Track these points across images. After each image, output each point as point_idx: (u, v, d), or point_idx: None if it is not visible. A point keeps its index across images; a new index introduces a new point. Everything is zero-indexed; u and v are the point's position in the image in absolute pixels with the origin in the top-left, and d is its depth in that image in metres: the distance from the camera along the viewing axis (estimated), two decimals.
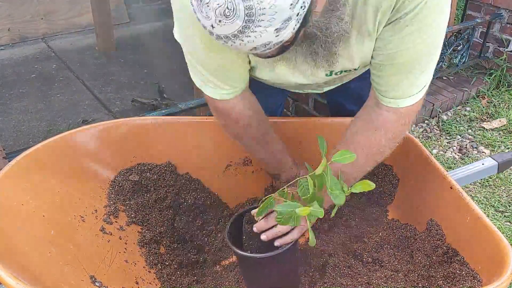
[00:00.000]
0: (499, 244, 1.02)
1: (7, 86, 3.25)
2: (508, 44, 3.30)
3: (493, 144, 2.75)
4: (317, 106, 2.34)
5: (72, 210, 1.20)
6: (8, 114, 2.94)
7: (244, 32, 0.76)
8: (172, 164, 1.45)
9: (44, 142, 1.24)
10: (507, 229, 2.14)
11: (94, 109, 3.03)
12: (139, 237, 1.31)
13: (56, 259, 1.05)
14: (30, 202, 1.11)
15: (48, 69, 3.49)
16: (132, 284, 1.16)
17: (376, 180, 1.48)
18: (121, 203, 1.34)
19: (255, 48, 0.80)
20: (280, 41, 0.80)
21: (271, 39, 0.78)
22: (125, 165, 1.40)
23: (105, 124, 1.37)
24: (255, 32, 0.76)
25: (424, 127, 2.94)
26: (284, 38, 0.79)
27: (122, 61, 3.67)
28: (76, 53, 3.75)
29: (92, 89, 3.25)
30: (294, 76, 1.17)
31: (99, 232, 1.23)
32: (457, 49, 3.27)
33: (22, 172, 1.15)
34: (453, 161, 2.61)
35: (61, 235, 1.11)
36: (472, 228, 1.12)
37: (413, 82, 1.05)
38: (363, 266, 1.29)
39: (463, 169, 1.53)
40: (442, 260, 1.15)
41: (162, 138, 1.43)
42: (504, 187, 2.41)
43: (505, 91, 3.24)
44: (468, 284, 1.02)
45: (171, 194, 1.42)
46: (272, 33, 0.77)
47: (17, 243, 1.00)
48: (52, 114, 2.96)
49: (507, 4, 3.20)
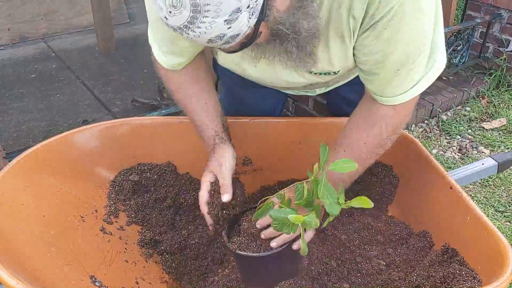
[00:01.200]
0: (499, 244, 1.02)
1: (7, 86, 3.25)
2: (508, 44, 3.30)
3: (493, 144, 2.76)
4: (317, 106, 2.34)
5: (72, 210, 1.20)
6: (8, 114, 2.94)
7: (194, 23, 0.78)
8: (172, 164, 1.45)
9: (44, 142, 1.24)
10: (507, 229, 2.14)
11: (94, 109, 3.03)
12: (139, 237, 1.31)
13: (56, 259, 1.05)
14: (30, 202, 1.11)
15: (48, 69, 3.49)
16: (132, 284, 1.16)
17: (376, 180, 1.48)
18: (121, 203, 1.34)
19: (211, 40, 0.81)
20: (236, 35, 0.81)
21: (223, 31, 0.79)
22: (125, 165, 1.40)
23: (105, 124, 1.37)
24: (204, 23, 0.77)
25: (424, 127, 2.94)
26: (239, 31, 0.80)
27: (122, 61, 3.67)
28: (76, 53, 3.76)
29: (92, 89, 3.25)
30: (276, 73, 1.18)
31: (99, 232, 1.23)
32: (457, 49, 3.27)
33: (22, 172, 1.15)
34: (453, 161, 2.62)
35: (61, 235, 1.11)
36: (472, 228, 1.12)
37: (403, 80, 1.05)
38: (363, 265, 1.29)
39: (463, 169, 1.53)
40: (442, 260, 1.15)
41: (162, 138, 1.43)
42: (504, 187, 2.41)
43: (505, 91, 3.24)
44: (467, 284, 1.02)
45: (171, 194, 1.42)
46: (223, 24, 0.78)
47: (17, 243, 1.00)
48: (52, 114, 2.96)
49: (507, 4, 3.20)
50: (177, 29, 0.81)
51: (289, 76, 1.20)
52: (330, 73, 1.16)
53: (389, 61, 1.00)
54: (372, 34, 0.96)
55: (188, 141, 1.44)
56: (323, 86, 1.39)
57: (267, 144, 1.49)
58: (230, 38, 0.81)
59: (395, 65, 1.01)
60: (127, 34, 4.13)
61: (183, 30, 0.80)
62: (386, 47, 0.98)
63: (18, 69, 3.48)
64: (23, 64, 3.56)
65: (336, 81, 1.36)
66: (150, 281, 1.21)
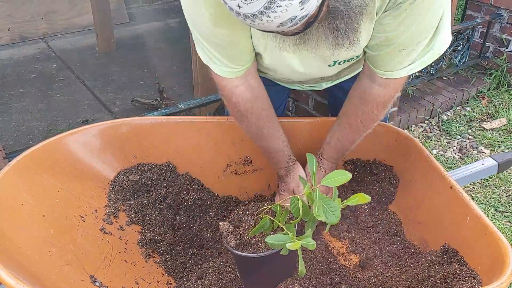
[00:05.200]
0: (499, 244, 1.02)
1: (7, 86, 3.25)
2: (508, 44, 3.30)
3: (493, 144, 2.75)
4: (317, 106, 2.34)
5: (72, 210, 1.20)
6: (8, 114, 2.94)
7: (270, 7, 0.78)
8: (172, 164, 1.45)
9: (44, 142, 1.24)
10: (507, 229, 2.14)
11: (94, 109, 3.03)
12: (139, 237, 1.31)
13: (56, 259, 1.05)
14: (30, 202, 1.11)
15: (48, 69, 3.49)
16: (132, 284, 1.16)
17: (376, 180, 1.48)
18: (121, 203, 1.34)
19: (282, 24, 0.81)
20: (305, 15, 0.81)
21: (296, 13, 0.80)
22: (125, 165, 1.40)
23: (105, 124, 1.37)
24: (281, 6, 0.78)
25: (424, 127, 2.94)
26: (309, 11, 0.81)
27: (122, 61, 3.67)
28: (76, 53, 3.76)
29: (92, 89, 3.25)
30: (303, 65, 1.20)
31: (99, 232, 1.23)
32: (457, 49, 3.27)
33: (22, 172, 1.15)
34: (453, 161, 2.62)
35: (61, 235, 1.11)
36: (472, 228, 1.12)
37: (405, 58, 1.11)
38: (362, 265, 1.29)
39: (463, 169, 1.53)
40: (442, 260, 1.15)
41: (162, 138, 1.43)
42: (504, 187, 2.41)
43: (505, 91, 3.24)
44: (468, 284, 1.02)
45: (171, 194, 1.42)
46: (297, 6, 0.78)
47: (17, 243, 1.00)
48: (52, 114, 2.96)
49: (507, 4, 3.20)
50: (249, 17, 0.80)
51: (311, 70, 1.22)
52: (354, 58, 1.20)
53: (398, 39, 1.06)
54: (393, 13, 1.01)
55: (188, 141, 1.44)
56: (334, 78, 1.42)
57: None
58: (299, 19, 0.82)
59: (403, 44, 1.07)
60: (127, 34, 4.13)
61: (257, 16, 0.80)
62: (400, 27, 1.03)
63: (18, 69, 3.48)
64: (23, 64, 3.56)
65: (346, 74, 1.41)
66: (150, 281, 1.21)
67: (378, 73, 1.17)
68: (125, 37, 4.05)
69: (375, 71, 1.17)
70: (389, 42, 1.08)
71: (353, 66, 1.32)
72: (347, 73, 1.40)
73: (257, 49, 1.16)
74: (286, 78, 1.34)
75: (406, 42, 1.07)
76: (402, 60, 1.12)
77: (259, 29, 0.85)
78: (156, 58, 3.66)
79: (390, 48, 1.09)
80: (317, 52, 1.11)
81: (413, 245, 1.31)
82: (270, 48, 1.13)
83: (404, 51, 1.09)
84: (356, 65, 1.32)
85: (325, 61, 1.18)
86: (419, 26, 1.04)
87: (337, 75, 1.36)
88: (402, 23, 1.02)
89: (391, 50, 1.10)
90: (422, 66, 1.15)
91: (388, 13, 1.02)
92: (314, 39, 1.02)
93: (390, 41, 1.07)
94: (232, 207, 1.50)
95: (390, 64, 1.13)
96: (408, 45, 1.08)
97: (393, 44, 1.08)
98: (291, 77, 1.32)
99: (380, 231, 1.38)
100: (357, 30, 1.01)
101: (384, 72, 1.16)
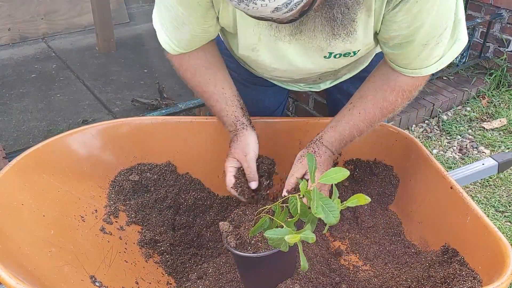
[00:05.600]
0: (499, 244, 1.02)
1: (7, 86, 3.25)
2: (508, 44, 3.30)
3: (493, 144, 2.75)
4: (317, 106, 2.34)
5: (72, 210, 1.20)
6: (8, 114, 2.94)
7: None
8: (172, 164, 1.45)
9: (44, 142, 1.24)
10: (507, 229, 2.14)
11: (94, 109, 3.03)
12: (139, 237, 1.31)
13: (56, 259, 1.05)
14: (30, 202, 1.11)
15: (48, 69, 3.50)
16: (132, 284, 1.16)
17: (376, 180, 1.48)
18: (121, 203, 1.34)
19: (277, 8, 0.80)
20: (300, 1, 0.81)
21: None
22: (125, 165, 1.40)
23: (105, 124, 1.37)
24: None
25: (424, 127, 2.94)
26: None
27: (122, 61, 3.67)
28: (76, 53, 3.76)
29: (92, 89, 3.25)
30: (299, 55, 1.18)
31: (99, 232, 1.23)
32: None
33: (22, 172, 1.15)
34: (453, 161, 2.62)
35: (61, 235, 1.11)
36: (472, 228, 1.12)
37: (430, 53, 1.09)
38: (362, 265, 1.29)
39: (463, 169, 1.53)
40: (442, 260, 1.15)
41: (162, 138, 1.43)
42: (504, 187, 2.41)
43: (505, 91, 3.24)
44: (468, 284, 1.02)
45: (171, 194, 1.42)
46: None
47: (17, 243, 1.00)
48: (52, 114, 2.96)
49: (507, 4, 3.20)
50: (243, 0, 0.79)
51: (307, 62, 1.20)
52: (350, 53, 1.17)
53: (418, 34, 1.04)
54: (404, 8, 0.99)
55: (188, 141, 1.44)
56: (332, 78, 1.41)
57: (268, 144, 1.49)
58: (294, 4, 0.81)
59: (424, 38, 1.05)
60: (127, 34, 4.14)
61: (251, 0, 0.79)
62: (416, 21, 1.01)
63: (18, 69, 3.48)
64: (23, 64, 3.56)
65: (344, 73, 1.39)
66: (150, 281, 1.21)
67: (405, 72, 1.14)
68: (125, 37, 4.05)
69: (402, 71, 1.15)
70: (410, 38, 1.05)
71: (351, 66, 1.30)
72: (345, 72, 1.38)
73: (250, 41, 1.15)
74: (281, 75, 1.32)
75: (427, 35, 1.04)
76: (428, 55, 1.10)
77: (254, 15, 0.84)
78: (156, 58, 3.66)
79: (413, 45, 1.07)
80: (313, 43, 1.10)
81: (413, 245, 1.31)
82: (265, 38, 1.11)
83: (427, 46, 1.07)
84: (354, 66, 1.32)
85: (321, 52, 1.15)
86: (435, 16, 1.01)
87: (335, 75, 1.34)
88: (417, 17, 1.00)
89: (415, 47, 1.07)
90: (451, 59, 1.13)
91: (399, 8, 1.00)
92: (311, 29, 1.01)
93: (410, 37, 1.05)
94: (232, 207, 1.50)
95: (416, 61, 1.11)
96: (431, 39, 1.05)
97: (415, 40, 1.05)
98: (286, 73, 1.29)
99: (380, 231, 1.38)
100: (353, 20, 1.00)
101: (411, 70, 1.13)
